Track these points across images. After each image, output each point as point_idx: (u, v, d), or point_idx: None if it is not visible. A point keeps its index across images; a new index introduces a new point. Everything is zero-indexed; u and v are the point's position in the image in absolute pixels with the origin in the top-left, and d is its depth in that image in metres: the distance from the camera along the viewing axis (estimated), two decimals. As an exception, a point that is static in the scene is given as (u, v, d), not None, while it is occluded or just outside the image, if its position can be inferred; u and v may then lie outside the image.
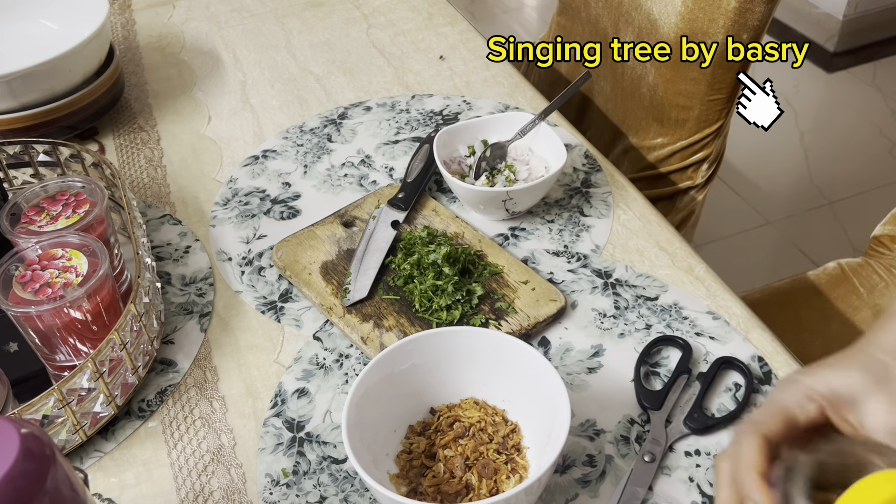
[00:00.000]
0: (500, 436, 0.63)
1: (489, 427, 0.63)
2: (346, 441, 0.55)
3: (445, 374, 0.65)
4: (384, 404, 0.62)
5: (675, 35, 1.04)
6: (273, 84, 1.10)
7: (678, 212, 1.22)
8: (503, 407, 0.65)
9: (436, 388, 0.65)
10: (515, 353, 0.62)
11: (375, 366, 0.61)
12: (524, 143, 0.89)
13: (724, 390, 0.68)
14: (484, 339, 0.64)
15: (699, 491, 0.61)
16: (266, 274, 0.81)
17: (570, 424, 0.56)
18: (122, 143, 1.01)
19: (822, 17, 2.71)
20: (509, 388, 0.64)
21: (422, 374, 0.64)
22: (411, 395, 0.64)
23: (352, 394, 0.58)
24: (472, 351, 0.64)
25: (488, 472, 0.60)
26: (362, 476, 0.54)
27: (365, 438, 0.59)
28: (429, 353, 0.64)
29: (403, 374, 0.63)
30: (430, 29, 1.21)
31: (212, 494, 0.63)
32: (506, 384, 0.64)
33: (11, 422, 0.39)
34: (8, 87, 0.90)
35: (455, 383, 0.65)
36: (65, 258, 0.67)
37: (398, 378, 0.63)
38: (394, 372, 0.62)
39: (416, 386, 0.64)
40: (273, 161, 0.96)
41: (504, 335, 0.63)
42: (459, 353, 0.64)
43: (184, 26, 1.24)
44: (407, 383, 0.64)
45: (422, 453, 0.62)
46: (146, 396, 0.70)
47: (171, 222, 0.88)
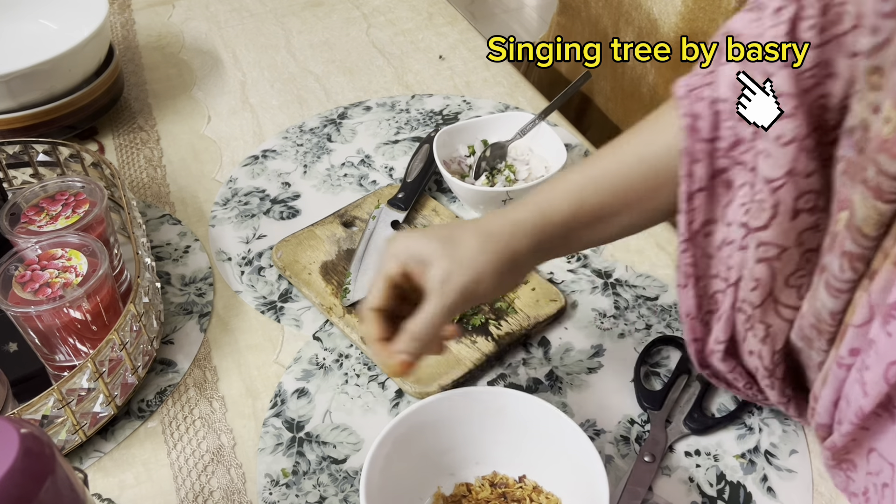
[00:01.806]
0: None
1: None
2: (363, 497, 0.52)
3: (471, 436, 0.60)
4: (409, 462, 0.58)
5: (675, 35, 1.04)
6: (273, 84, 1.10)
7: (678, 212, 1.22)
8: (550, 488, 0.59)
9: (458, 451, 0.60)
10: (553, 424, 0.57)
11: (403, 420, 0.57)
12: (524, 143, 0.89)
13: (724, 390, 0.68)
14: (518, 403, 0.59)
15: (699, 491, 0.61)
16: (266, 274, 0.81)
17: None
18: (121, 142, 1.01)
19: (822, 17, 2.70)
20: (550, 464, 0.59)
21: (445, 435, 0.59)
22: (438, 456, 0.60)
23: (373, 451, 0.55)
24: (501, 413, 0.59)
25: None
26: None
27: (381, 495, 0.55)
28: (457, 412, 0.59)
29: (430, 430, 0.59)
30: (430, 29, 1.21)
31: (212, 494, 0.63)
32: (542, 457, 0.59)
33: (11, 422, 0.39)
34: (7, 87, 0.90)
35: (481, 448, 0.61)
36: (64, 258, 0.67)
37: (423, 435, 0.58)
38: (418, 428, 0.58)
39: (441, 448, 0.60)
40: (273, 161, 0.96)
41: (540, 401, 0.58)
42: (487, 413, 0.59)
43: (183, 26, 1.24)
44: (433, 442, 0.59)
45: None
46: (146, 396, 0.70)
47: (170, 222, 0.88)
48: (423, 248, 0.54)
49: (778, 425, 0.65)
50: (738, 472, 0.62)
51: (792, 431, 0.65)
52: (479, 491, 0.59)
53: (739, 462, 0.63)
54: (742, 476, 0.62)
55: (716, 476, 0.62)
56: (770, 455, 0.63)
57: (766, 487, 0.61)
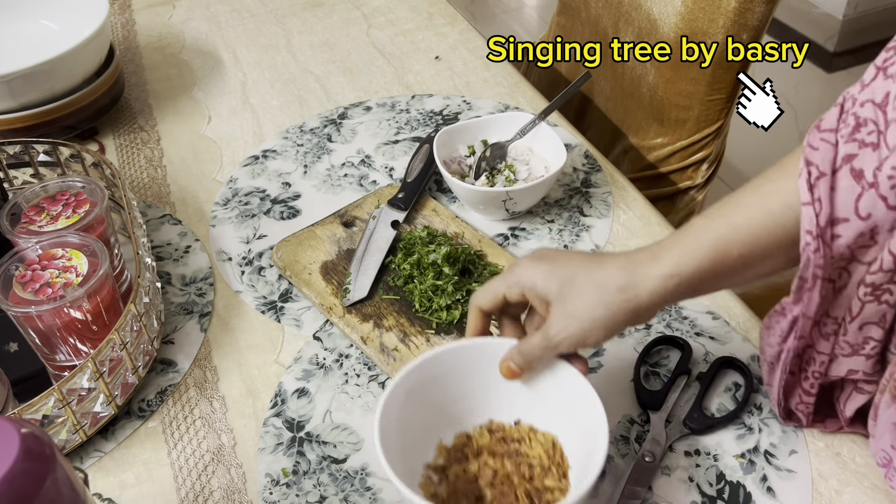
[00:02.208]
0: (542, 485, 0.58)
1: (538, 468, 0.59)
2: (378, 447, 0.53)
3: (478, 387, 0.62)
4: (417, 414, 0.59)
5: (675, 35, 1.04)
6: (273, 84, 1.10)
7: (678, 212, 1.22)
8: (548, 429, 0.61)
9: (456, 404, 0.62)
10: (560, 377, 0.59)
11: (415, 369, 0.58)
12: (524, 143, 0.89)
13: (724, 390, 0.68)
14: None
15: (699, 491, 0.61)
16: (266, 274, 0.81)
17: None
18: (122, 143, 1.01)
19: (822, 17, 2.71)
20: (551, 411, 0.60)
21: (442, 389, 0.61)
22: (437, 409, 0.61)
23: (386, 397, 0.56)
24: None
25: (505, 503, 0.57)
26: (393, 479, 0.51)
27: (394, 446, 0.55)
28: (462, 365, 0.60)
29: (438, 381, 0.60)
30: (430, 29, 1.21)
31: (212, 494, 0.63)
32: (547, 407, 0.61)
33: (11, 422, 0.39)
34: (8, 87, 0.90)
35: (489, 398, 0.62)
36: (65, 258, 0.67)
37: (434, 385, 0.60)
38: (429, 378, 0.60)
39: (441, 400, 0.61)
40: (273, 161, 0.96)
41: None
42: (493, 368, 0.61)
43: (184, 26, 1.24)
44: (442, 392, 0.61)
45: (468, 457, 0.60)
46: (146, 396, 0.70)
47: (171, 222, 0.88)
48: (545, 289, 0.56)
49: (777, 425, 0.65)
50: (738, 472, 0.62)
51: (791, 432, 0.65)
52: (479, 438, 0.61)
53: (739, 462, 0.63)
54: (742, 476, 0.62)
55: (715, 476, 0.62)
56: (770, 455, 0.63)
57: (766, 487, 0.61)
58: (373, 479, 0.63)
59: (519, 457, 0.60)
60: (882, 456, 0.58)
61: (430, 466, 0.60)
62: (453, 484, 0.58)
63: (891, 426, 0.56)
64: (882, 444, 0.58)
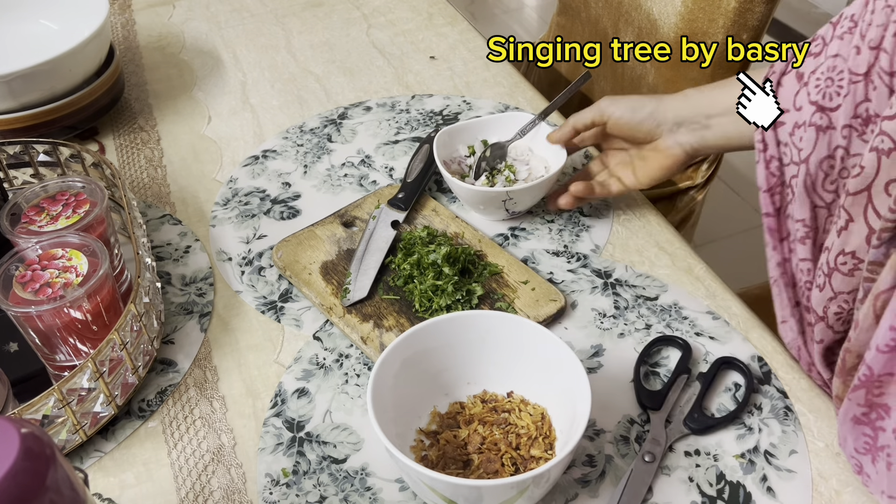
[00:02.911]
0: (527, 454, 0.61)
1: (525, 438, 0.62)
2: (371, 412, 0.55)
3: (469, 358, 0.65)
4: (413, 382, 0.63)
5: (675, 35, 1.04)
6: (273, 84, 1.10)
7: (678, 212, 1.22)
8: (538, 401, 0.64)
9: (451, 372, 0.65)
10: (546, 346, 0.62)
11: (404, 341, 0.61)
12: (524, 143, 0.89)
13: (724, 390, 0.68)
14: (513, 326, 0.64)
15: (699, 491, 0.61)
16: (266, 274, 0.81)
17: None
18: (122, 143, 1.01)
19: (822, 17, 2.71)
20: (541, 381, 0.64)
21: (440, 358, 0.64)
22: (433, 377, 0.65)
23: (379, 364, 0.59)
24: (495, 337, 0.64)
25: (490, 469, 0.60)
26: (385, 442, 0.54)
27: (387, 410, 0.59)
28: (451, 337, 0.64)
29: (428, 354, 0.63)
30: (430, 29, 1.21)
31: (212, 494, 0.63)
32: (534, 375, 0.64)
33: (11, 422, 0.39)
34: (8, 87, 0.90)
35: (479, 369, 0.65)
36: (65, 258, 0.67)
37: (423, 358, 0.63)
38: (418, 352, 0.63)
39: (438, 368, 0.65)
40: (273, 161, 0.96)
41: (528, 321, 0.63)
42: (487, 337, 0.64)
43: (184, 26, 1.24)
44: (431, 364, 0.64)
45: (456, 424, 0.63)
46: (146, 396, 0.70)
47: (171, 222, 0.88)
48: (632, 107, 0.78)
49: (777, 425, 0.65)
50: (738, 472, 0.62)
51: (791, 432, 0.65)
52: (472, 407, 0.64)
53: (739, 462, 0.63)
54: (742, 476, 0.62)
55: (715, 476, 0.62)
56: (770, 455, 0.63)
57: (766, 487, 0.61)
58: (373, 479, 0.63)
59: (508, 426, 0.63)
60: (854, 463, 0.58)
61: (423, 431, 0.63)
62: (443, 448, 0.62)
63: (850, 423, 0.57)
64: (849, 451, 0.58)
